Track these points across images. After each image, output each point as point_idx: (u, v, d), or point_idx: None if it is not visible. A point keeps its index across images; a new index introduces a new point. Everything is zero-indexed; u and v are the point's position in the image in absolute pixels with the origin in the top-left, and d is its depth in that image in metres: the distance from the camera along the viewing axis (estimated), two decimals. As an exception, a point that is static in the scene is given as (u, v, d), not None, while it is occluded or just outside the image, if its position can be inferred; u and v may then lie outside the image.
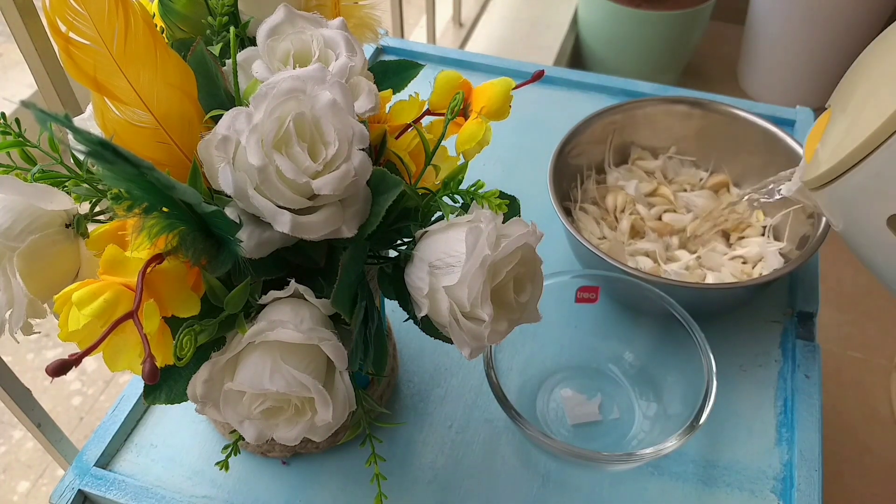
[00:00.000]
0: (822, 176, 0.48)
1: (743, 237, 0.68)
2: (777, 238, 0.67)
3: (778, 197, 0.60)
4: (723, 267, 0.65)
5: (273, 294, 0.37)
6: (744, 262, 0.65)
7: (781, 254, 0.64)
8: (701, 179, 0.73)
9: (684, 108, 0.73)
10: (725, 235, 0.69)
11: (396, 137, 0.44)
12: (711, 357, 0.53)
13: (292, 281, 0.37)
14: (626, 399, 0.59)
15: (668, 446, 0.49)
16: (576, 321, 0.63)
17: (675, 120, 0.73)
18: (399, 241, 0.42)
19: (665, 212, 0.71)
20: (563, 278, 0.59)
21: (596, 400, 0.59)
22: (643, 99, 0.73)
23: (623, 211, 0.70)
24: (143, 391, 0.41)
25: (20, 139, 0.39)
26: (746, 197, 0.63)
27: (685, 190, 0.73)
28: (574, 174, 0.72)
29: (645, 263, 0.65)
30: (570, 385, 0.60)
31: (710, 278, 0.64)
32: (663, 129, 0.74)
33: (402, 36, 1.20)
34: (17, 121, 0.39)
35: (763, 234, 0.68)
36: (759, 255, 0.65)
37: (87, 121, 0.41)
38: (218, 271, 0.35)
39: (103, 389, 1.29)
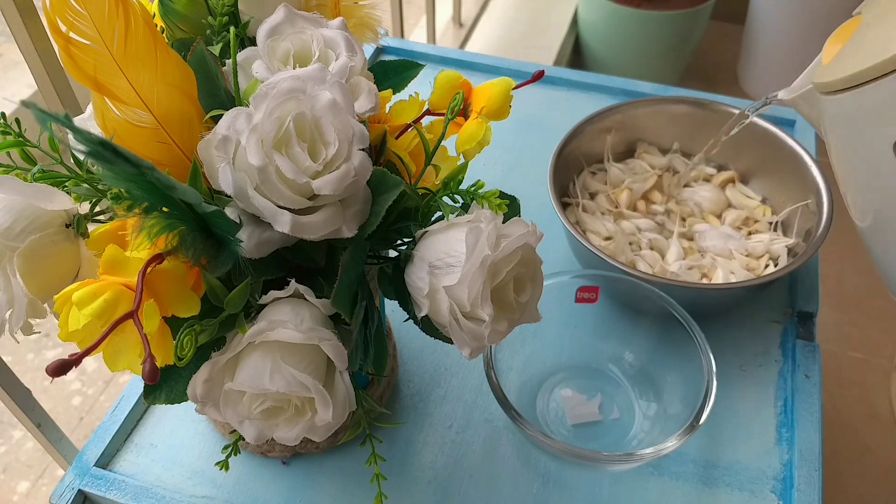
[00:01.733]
0: (841, 80, 0.44)
1: (752, 232, 0.68)
2: (785, 234, 0.67)
3: (770, 103, 0.59)
4: (731, 259, 0.65)
5: (273, 294, 0.37)
6: (747, 255, 0.66)
7: (788, 248, 0.65)
8: (711, 176, 0.73)
9: (685, 108, 0.73)
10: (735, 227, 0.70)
11: (396, 137, 0.44)
12: (711, 357, 0.53)
13: (292, 281, 0.37)
14: (626, 399, 0.59)
15: (669, 446, 0.49)
16: (576, 321, 0.63)
17: (676, 119, 0.73)
18: (399, 241, 0.42)
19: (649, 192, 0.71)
20: (563, 278, 0.59)
21: (596, 400, 0.59)
22: (643, 99, 0.73)
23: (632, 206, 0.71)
24: (143, 391, 0.41)
25: (20, 139, 0.39)
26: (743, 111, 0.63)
27: (691, 186, 0.73)
28: (574, 174, 0.72)
29: (652, 258, 0.65)
30: (570, 385, 0.60)
31: (720, 271, 0.64)
32: (665, 128, 0.74)
33: (402, 36, 1.20)
34: (17, 121, 0.39)
35: (771, 229, 0.68)
36: (765, 250, 0.66)
37: (87, 121, 0.41)
38: (218, 271, 0.35)
39: (103, 389, 1.29)
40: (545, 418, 0.58)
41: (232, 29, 0.39)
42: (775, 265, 0.65)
